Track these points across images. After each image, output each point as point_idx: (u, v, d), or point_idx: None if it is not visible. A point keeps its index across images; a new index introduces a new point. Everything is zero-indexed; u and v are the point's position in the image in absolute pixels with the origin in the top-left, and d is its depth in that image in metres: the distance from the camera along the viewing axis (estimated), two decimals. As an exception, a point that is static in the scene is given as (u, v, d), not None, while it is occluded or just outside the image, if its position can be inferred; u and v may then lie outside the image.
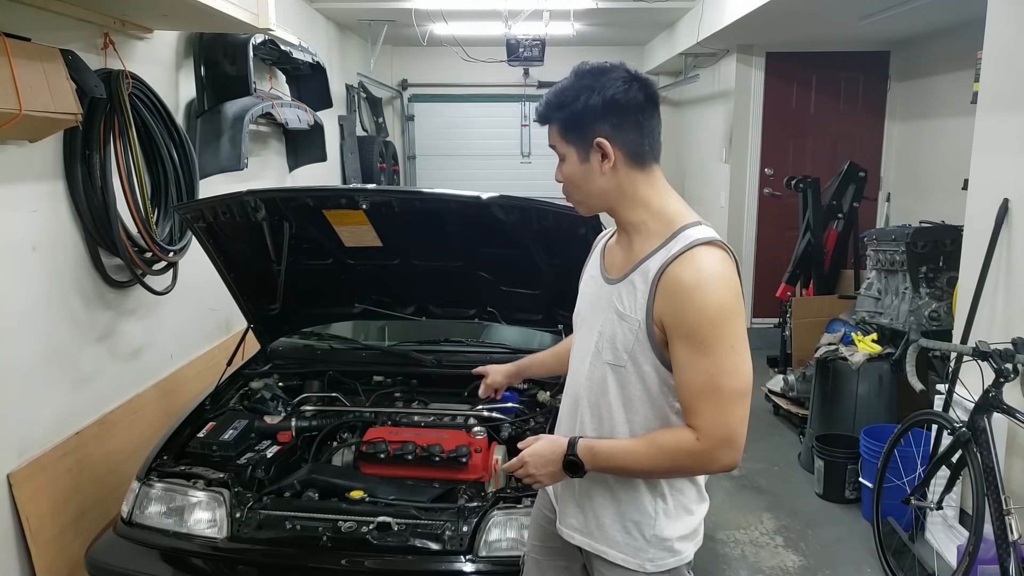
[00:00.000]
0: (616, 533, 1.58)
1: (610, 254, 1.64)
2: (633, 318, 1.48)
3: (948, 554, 2.93)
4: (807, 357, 4.59)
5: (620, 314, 1.51)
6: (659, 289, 1.44)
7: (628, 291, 1.51)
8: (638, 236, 1.54)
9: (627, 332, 1.49)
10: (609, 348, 1.52)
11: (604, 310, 1.55)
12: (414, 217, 2.54)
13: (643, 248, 1.52)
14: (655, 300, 1.45)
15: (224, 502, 2.17)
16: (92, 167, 2.77)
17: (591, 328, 1.59)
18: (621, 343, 1.50)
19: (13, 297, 2.50)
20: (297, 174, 5.16)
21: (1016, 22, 2.84)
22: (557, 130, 1.53)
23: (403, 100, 8.42)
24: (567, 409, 1.68)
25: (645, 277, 1.47)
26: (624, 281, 1.53)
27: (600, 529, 1.59)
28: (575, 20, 5.96)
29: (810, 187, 5.07)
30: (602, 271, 1.63)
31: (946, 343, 2.89)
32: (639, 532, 1.56)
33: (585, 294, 1.69)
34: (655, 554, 1.56)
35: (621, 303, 1.51)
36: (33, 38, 2.36)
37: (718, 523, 3.53)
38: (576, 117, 1.49)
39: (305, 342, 3.22)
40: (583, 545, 1.63)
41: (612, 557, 1.58)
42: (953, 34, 4.90)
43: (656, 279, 1.44)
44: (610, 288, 1.56)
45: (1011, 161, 2.86)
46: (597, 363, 1.56)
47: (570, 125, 1.51)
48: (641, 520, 1.56)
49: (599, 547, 1.60)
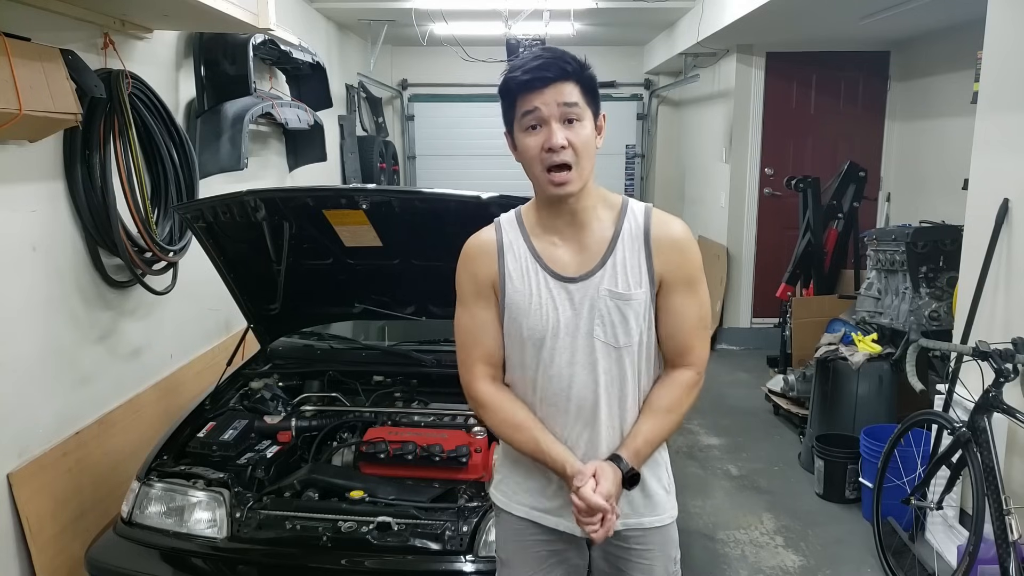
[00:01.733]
0: (648, 498, 1.63)
1: (551, 255, 1.56)
2: (640, 292, 1.53)
3: (948, 554, 2.93)
4: (807, 357, 4.59)
5: (623, 296, 1.53)
6: (655, 251, 1.54)
7: (620, 272, 1.53)
8: (590, 223, 1.55)
9: (637, 308, 1.53)
10: (622, 332, 1.54)
11: (591, 305, 1.53)
12: (414, 217, 2.54)
13: (602, 231, 1.55)
14: (654, 262, 1.53)
15: (224, 502, 2.17)
16: (92, 167, 2.77)
17: (574, 332, 1.54)
18: (633, 321, 1.54)
19: (13, 297, 2.50)
20: (297, 174, 5.16)
21: (1016, 22, 2.84)
22: (580, 89, 1.48)
23: (403, 100, 8.43)
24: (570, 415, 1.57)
25: (632, 251, 1.53)
26: (605, 266, 1.54)
27: (634, 503, 1.62)
28: (575, 20, 5.95)
29: (810, 187, 5.08)
30: (555, 275, 1.55)
31: (946, 343, 2.89)
32: (660, 487, 1.65)
33: (539, 307, 1.54)
34: (671, 500, 1.67)
35: (618, 286, 1.52)
36: (33, 38, 2.36)
37: (718, 523, 3.53)
38: (594, 83, 1.50)
39: (305, 342, 3.22)
40: (617, 527, 1.57)
41: (648, 523, 1.62)
42: (953, 34, 4.90)
43: (646, 246, 1.53)
44: (587, 282, 1.54)
45: (1011, 161, 2.86)
46: (606, 355, 1.55)
47: (591, 88, 1.50)
48: (660, 474, 1.65)
49: (634, 520, 1.62)
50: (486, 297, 1.60)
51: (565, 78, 1.46)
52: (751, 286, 6.31)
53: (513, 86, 1.49)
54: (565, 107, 1.46)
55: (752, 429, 4.61)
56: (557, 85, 1.46)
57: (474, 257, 1.61)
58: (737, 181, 6.20)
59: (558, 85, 1.46)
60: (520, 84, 1.48)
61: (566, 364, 1.56)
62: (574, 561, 1.69)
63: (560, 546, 1.67)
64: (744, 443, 4.41)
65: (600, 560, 1.68)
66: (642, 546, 1.63)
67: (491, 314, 1.60)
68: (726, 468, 4.13)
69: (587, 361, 1.56)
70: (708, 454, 4.29)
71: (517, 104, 1.50)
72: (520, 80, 1.48)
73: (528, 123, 1.49)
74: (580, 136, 1.47)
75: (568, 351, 1.55)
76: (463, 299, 1.63)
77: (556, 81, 1.46)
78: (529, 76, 1.47)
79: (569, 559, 1.69)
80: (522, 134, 1.51)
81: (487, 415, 1.62)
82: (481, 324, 1.60)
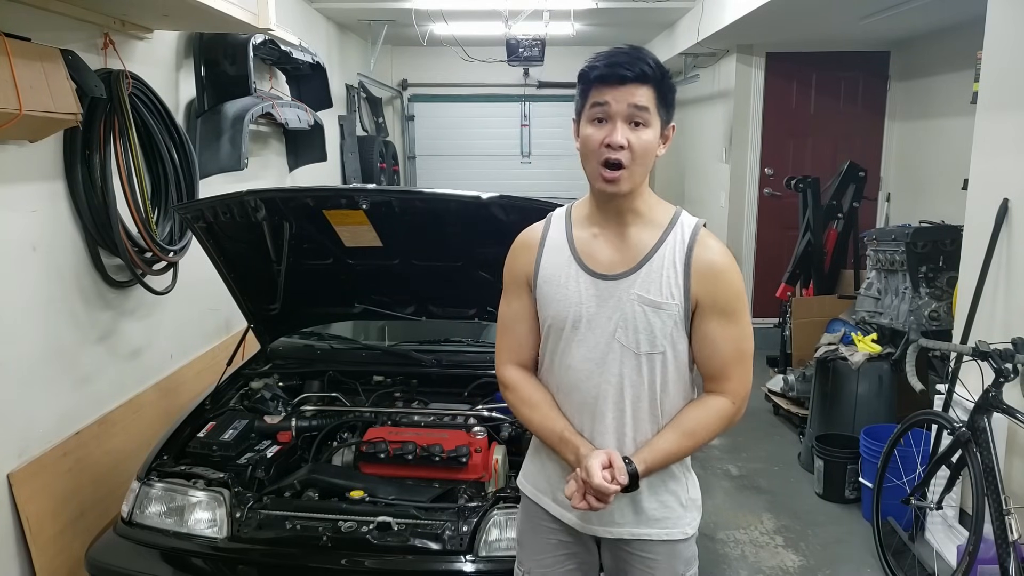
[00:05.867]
0: (655, 510, 1.62)
1: (588, 251, 1.59)
2: (672, 304, 1.52)
3: (948, 554, 2.93)
4: (807, 357, 4.59)
5: (653, 303, 1.53)
6: (693, 272, 1.52)
7: (654, 280, 1.53)
8: (636, 226, 1.56)
9: (666, 319, 1.53)
10: (645, 339, 1.54)
11: (617, 306, 1.54)
12: (414, 217, 2.54)
13: (646, 237, 1.55)
14: (691, 282, 1.52)
15: (224, 502, 2.17)
16: (92, 167, 2.77)
17: (597, 328, 1.56)
18: (660, 331, 1.53)
19: (13, 297, 2.50)
20: (297, 174, 5.16)
21: (1016, 22, 2.84)
22: (655, 95, 1.48)
23: (403, 100, 8.43)
24: (577, 409, 1.61)
25: (671, 263, 1.53)
26: (639, 272, 1.54)
27: (640, 513, 1.61)
28: (575, 20, 5.96)
29: (810, 187, 5.07)
30: (588, 270, 1.58)
31: (946, 343, 2.89)
32: (677, 501, 1.64)
33: (566, 298, 1.57)
34: (691, 516, 1.66)
35: (649, 292, 1.53)
36: (33, 38, 2.36)
37: (718, 523, 3.54)
38: (670, 93, 1.51)
39: (305, 342, 3.22)
40: (623, 535, 1.62)
41: (656, 535, 1.62)
42: (953, 34, 4.90)
43: (686, 264, 1.52)
44: (619, 283, 1.55)
45: (1011, 161, 2.86)
46: (626, 358, 1.55)
47: (666, 97, 1.50)
48: (677, 489, 1.64)
49: (642, 531, 1.62)
50: (522, 289, 1.67)
51: (643, 80, 1.46)
52: (751, 286, 6.31)
53: (591, 76, 1.50)
54: (635, 109, 1.47)
55: (752, 429, 4.61)
56: (633, 86, 1.46)
57: (516, 251, 1.69)
58: (737, 181, 6.20)
59: (634, 86, 1.46)
60: (598, 76, 1.49)
61: (583, 359, 1.58)
62: (583, 556, 1.71)
63: (567, 538, 1.70)
64: (744, 443, 4.41)
65: (609, 559, 1.69)
66: (647, 554, 1.63)
67: (524, 306, 1.67)
68: (726, 468, 4.13)
69: (604, 360, 1.56)
70: (708, 454, 4.29)
71: (590, 94, 1.51)
72: (599, 72, 1.48)
73: (595, 115, 1.50)
74: (641, 140, 1.48)
75: (586, 346, 1.58)
76: (505, 289, 1.72)
77: (633, 81, 1.46)
78: (608, 70, 1.47)
79: (577, 554, 1.71)
80: (587, 124, 1.52)
81: (508, 395, 1.70)
82: (514, 314, 1.68)
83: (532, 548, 1.76)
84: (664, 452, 1.55)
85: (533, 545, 1.75)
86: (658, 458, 1.55)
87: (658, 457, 1.55)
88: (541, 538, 1.73)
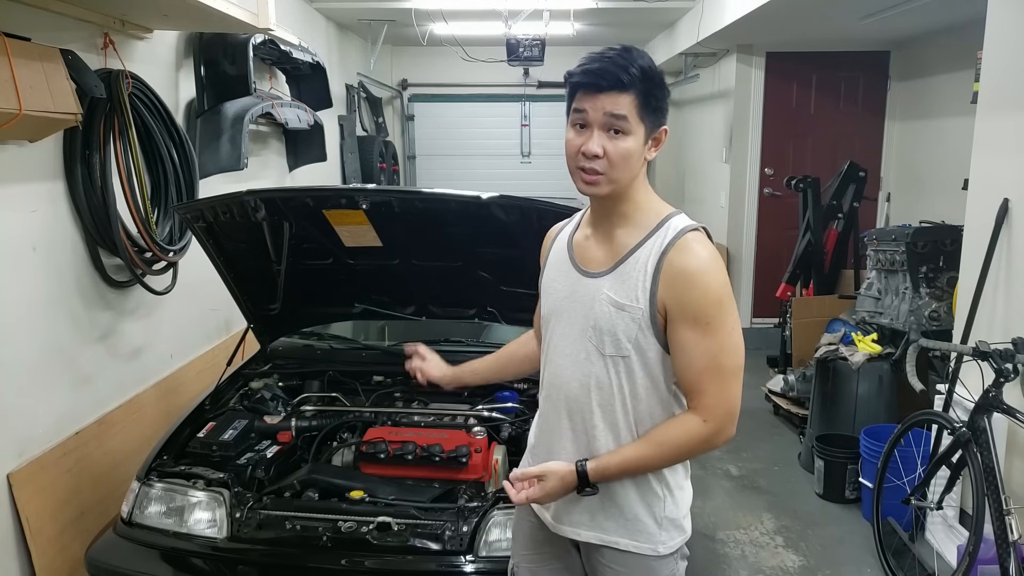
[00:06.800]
0: (627, 521, 1.58)
1: (581, 248, 1.61)
2: (635, 307, 1.49)
3: (948, 554, 2.93)
4: (807, 357, 4.59)
5: (618, 305, 1.50)
6: (662, 277, 1.47)
7: (622, 282, 1.51)
8: (622, 228, 1.55)
9: (629, 322, 1.49)
10: (610, 341, 1.51)
11: (590, 304, 1.54)
12: (414, 217, 2.54)
13: (628, 239, 1.53)
14: (658, 287, 1.47)
15: (224, 502, 2.17)
16: (92, 167, 2.77)
17: (572, 324, 1.57)
18: (623, 333, 1.50)
19: (13, 297, 2.50)
20: (297, 174, 5.16)
21: (1016, 22, 2.84)
22: (636, 102, 1.43)
23: (403, 100, 8.43)
24: (553, 409, 1.63)
25: (642, 266, 1.49)
26: (613, 273, 1.53)
27: (610, 520, 1.59)
28: (575, 20, 5.95)
29: (810, 187, 5.07)
30: (575, 266, 1.60)
31: (946, 343, 2.89)
32: (651, 516, 1.58)
33: (555, 291, 1.63)
34: (667, 535, 1.60)
35: (616, 294, 1.51)
36: (33, 38, 2.35)
37: (718, 523, 3.54)
38: (655, 98, 1.46)
39: (305, 342, 3.22)
40: (591, 540, 1.61)
41: (625, 546, 1.58)
42: (953, 34, 4.90)
43: (656, 267, 1.47)
44: (594, 281, 1.55)
45: (1011, 161, 2.86)
46: (594, 358, 1.54)
47: (650, 102, 1.45)
48: (652, 503, 1.58)
49: (610, 539, 1.59)
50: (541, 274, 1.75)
51: (620, 88, 1.42)
52: (751, 286, 6.31)
53: (571, 82, 1.49)
54: (611, 118, 1.44)
55: (752, 429, 4.60)
56: (611, 94, 1.43)
57: (544, 242, 1.78)
58: (737, 181, 6.20)
59: (612, 95, 1.43)
60: (576, 83, 1.48)
61: (561, 354, 1.60)
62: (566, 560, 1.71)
63: (546, 536, 1.70)
64: (744, 443, 4.41)
65: (588, 566, 1.69)
66: (618, 566, 1.60)
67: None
68: (726, 468, 4.13)
69: (578, 357, 1.57)
70: (708, 454, 4.29)
71: (573, 99, 1.50)
72: (576, 79, 1.47)
73: (575, 120, 1.50)
74: (619, 148, 1.45)
75: (566, 341, 1.59)
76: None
77: (609, 90, 1.43)
78: (585, 79, 1.45)
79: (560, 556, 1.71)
80: (569, 127, 1.52)
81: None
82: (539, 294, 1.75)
83: (520, 542, 1.79)
84: (622, 457, 1.51)
85: (519, 538, 1.79)
86: (614, 462, 1.51)
87: (614, 460, 1.51)
88: (525, 532, 1.76)
